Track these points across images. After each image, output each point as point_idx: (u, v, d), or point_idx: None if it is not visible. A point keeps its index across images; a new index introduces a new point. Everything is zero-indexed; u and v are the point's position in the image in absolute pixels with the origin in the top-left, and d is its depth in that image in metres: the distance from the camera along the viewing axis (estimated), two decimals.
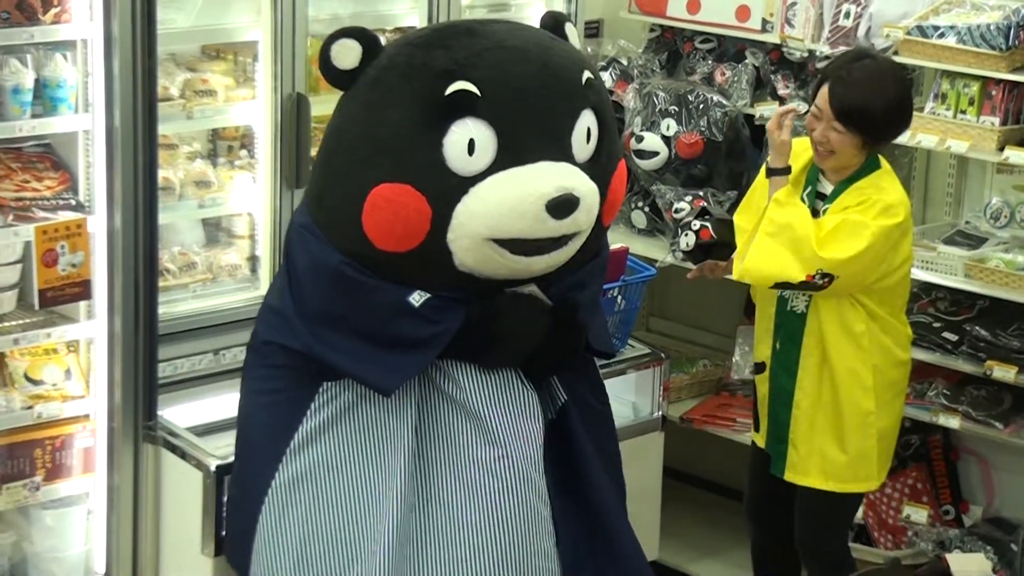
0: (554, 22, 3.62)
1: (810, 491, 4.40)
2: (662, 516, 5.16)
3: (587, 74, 3.45)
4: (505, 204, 3.28)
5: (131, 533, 4.40)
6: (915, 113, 4.83)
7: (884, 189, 4.24)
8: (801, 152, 4.34)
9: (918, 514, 5.03)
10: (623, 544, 3.67)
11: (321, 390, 3.45)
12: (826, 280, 4.14)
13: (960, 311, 4.95)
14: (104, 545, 4.42)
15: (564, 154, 3.39)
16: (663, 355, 5.10)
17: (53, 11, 4.13)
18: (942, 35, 4.78)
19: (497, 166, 3.31)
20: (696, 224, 4.42)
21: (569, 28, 3.64)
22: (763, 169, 4.40)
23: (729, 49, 5.48)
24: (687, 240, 4.43)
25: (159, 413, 4.36)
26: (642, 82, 5.44)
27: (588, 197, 3.40)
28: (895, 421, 4.45)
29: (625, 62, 5.56)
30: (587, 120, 3.44)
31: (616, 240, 5.19)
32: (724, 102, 5.27)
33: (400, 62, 3.37)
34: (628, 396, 5.10)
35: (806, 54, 5.17)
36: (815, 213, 4.27)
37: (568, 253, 3.46)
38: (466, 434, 3.41)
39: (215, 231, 4.84)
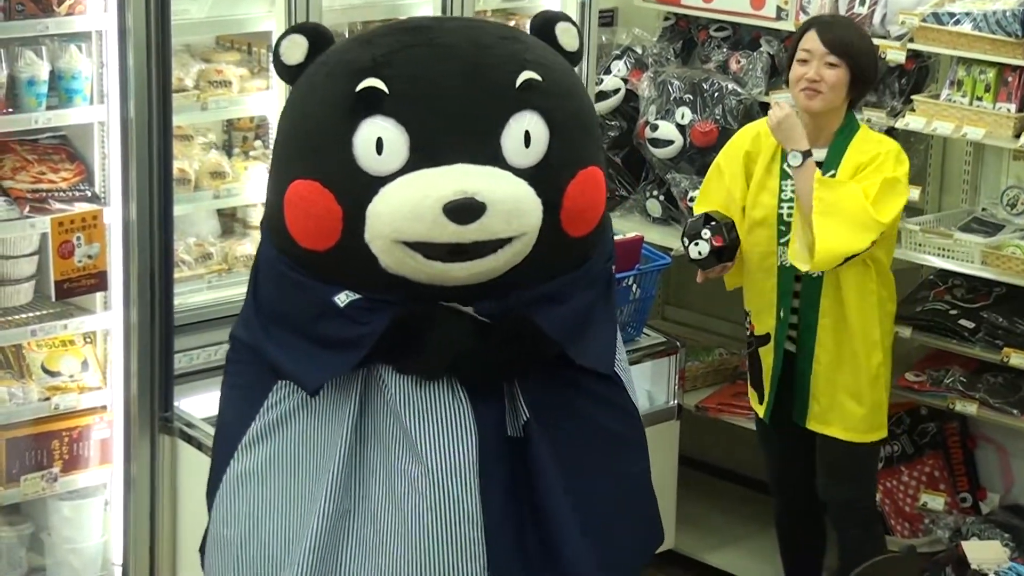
0: (543, 23, 3.45)
1: (833, 443, 4.52)
2: (677, 504, 5.16)
3: (528, 75, 3.24)
4: (405, 206, 3.15)
5: (148, 524, 4.41)
6: (931, 100, 4.86)
7: (881, 140, 4.45)
8: (765, 134, 4.47)
9: (935, 501, 5.03)
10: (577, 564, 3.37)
11: (275, 388, 3.38)
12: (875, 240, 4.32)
13: (977, 298, 4.94)
14: (121, 536, 4.43)
15: (491, 158, 3.21)
16: (679, 344, 5.10)
17: (68, 2, 4.13)
18: (958, 22, 4.76)
19: (409, 167, 3.18)
20: (706, 232, 4.41)
21: (562, 28, 3.45)
22: (715, 163, 4.57)
23: (744, 37, 5.46)
24: (699, 249, 4.42)
25: (175, 404, 4.36)
26: (657, 71, 5.43)
27: (503, 202, 3.17)
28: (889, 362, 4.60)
29: (640, 51, 5.55)
30: (524, 123, 3.23)
31: (631, 228, 5.19)
32: (739, 90, 5.26)
33: (329, 59, 3.31)
34: (644, 385, 5.10)
35: None
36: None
37: (499, 262, 3.23)
38: (397, 445, 3.29)
39: (230, 222, 4.85)
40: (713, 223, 4.43)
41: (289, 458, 3.36)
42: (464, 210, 3.14)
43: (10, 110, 4.16)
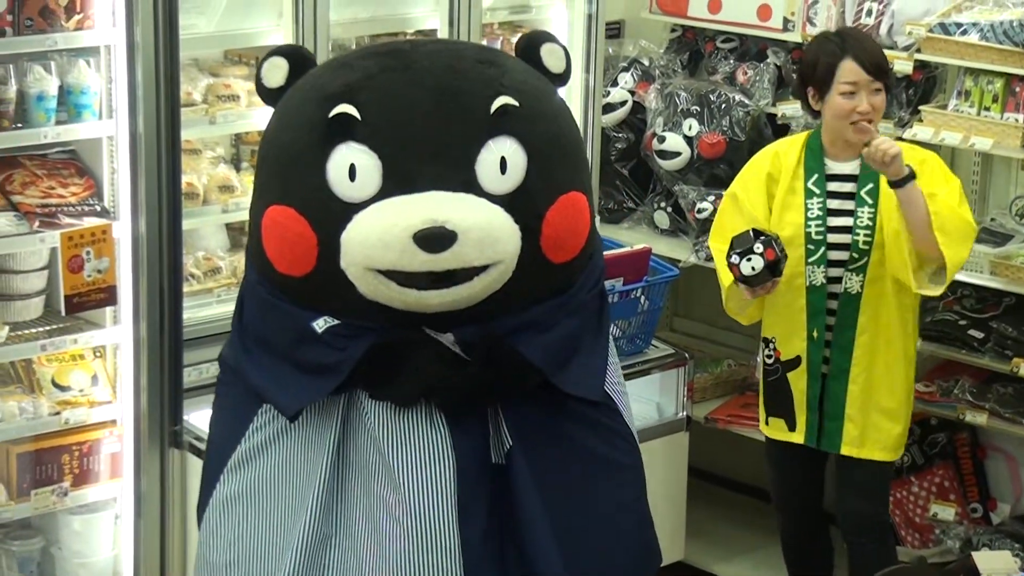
0: (527, 45, 3.39)
1: (869, 464, 4.46)
2: (687, 516, 5.15)
3: (503, 100, 3.18)
4: (374, 234, 3.11)
5: (158, 538, 4.41)
6: (939, 110, 4.86)
7: (914, 148, 4.39)
8: (788, 148, 4.42)
9: (945, 512, 5.02)
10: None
11: (260, 411, 3.34)
12: None
13: (986, 308, 4.94)
14: (131, 550, 4.43)
15: (465, 185, 3.15)
16: (687, 355, 5.10)
17: (76, 17, 4.14)
18: (965, 32, 4.77)
19: (383, 194, 3.13)
20: (759, 247, 4.27)
21: (547, 50, 3.37)
22: (728, 194, 4.49)
23: (751, 48, 5.47)
24: (752, 264, 4.26)
25: (185, 418, 4.37)
26: (664, 82, 5.44)
27: (474, 230, 3.11)
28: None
29: (646, 62, 5.56)
30: (500, 149, 3.18)
31: (639, 240, 5.19)
32: (746, 102, 5.27)
33: (305, 83, 3.27)
34: (652, 396, 5.10)
35: None
36: (832, 196, 4.35)
37: (474, 290, 3.19)
38: (376, 471, 3.25)
39: (239, 236, 4.85)
40: (763, 237, 4.30)
41: (271, 482, 3.32)
42: (434, 239, 3.10)
43: (19, 125, 4.17)
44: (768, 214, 4.40)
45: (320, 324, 3.23)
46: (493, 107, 3.19)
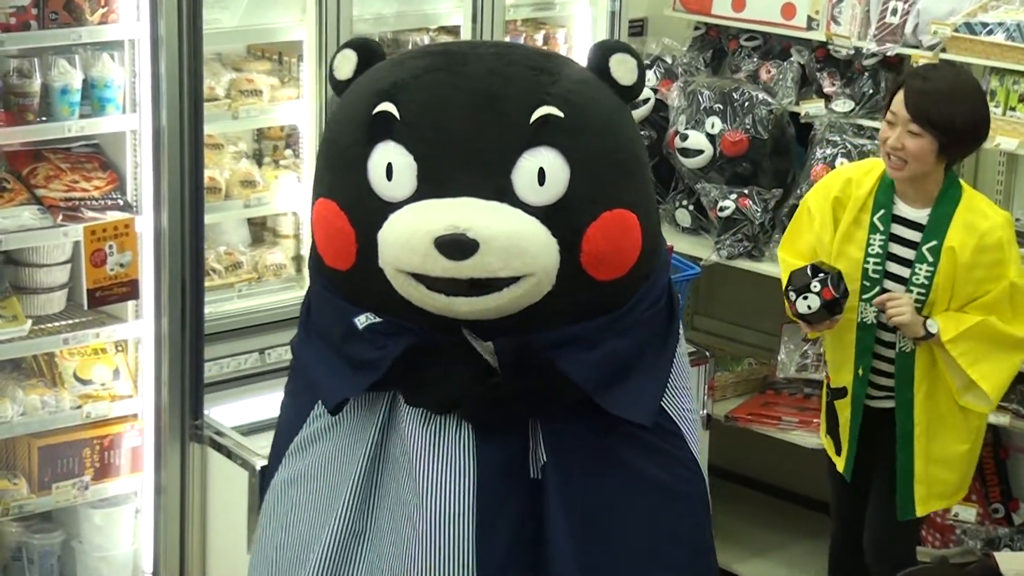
0: (597, 54, 3.27)
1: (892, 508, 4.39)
2: None
3: (546, 110, 3.09)
4: (401, 235, 3.08)
5: (178, 532, 4.41)
6: None
7: (989, 211, 4.21)
8: (863, 176, 4.27)
9: (966, 512, 5.00)
10: None
11: (319, 401, 3.33)
12: None
13: None
14: (152, 544, 4.44)
15: (499, 194, 3.08)
16: (708, 353, 5.09)
17: (100, 11, 4.15)
18: (990, 32, 4.75)
19: (417, 196, 3.10)
20: (816, 285, 4.15)
21: (617, 60, 3.23)
22: (803, 205, 4.38)
23: (774, 47, 5.45)
24: (809, 303, 4.15)
25: (205, 412, 4.37)
26: (687, 80, 5.42)
27: (499, 240, 3.03)
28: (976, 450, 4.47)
29: (670, 60, 5.55)
30: (539, 160, 3.08)
31: None
32: (769, 100, 5.25)
33: (364, 78, 3.25)
34: None
35: (852, 51, 5.14)
36: (894, 239, 4.21)
37: (502, 300, 3.11)
38: (404, 476, 3.22)
39: (260, 231, 4.86)
40: (821, 275, 4.17)
41: (318, 472, 3.33)
42: (454, 245, 3.04)
43: (43, 119, 4.18)
44: (833, 238, 4.27)
45: (362, 320, 3.21)
46: (534, 116, 3.10)
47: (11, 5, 4.02)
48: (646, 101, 5.48)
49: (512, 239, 3.07)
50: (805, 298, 4.16)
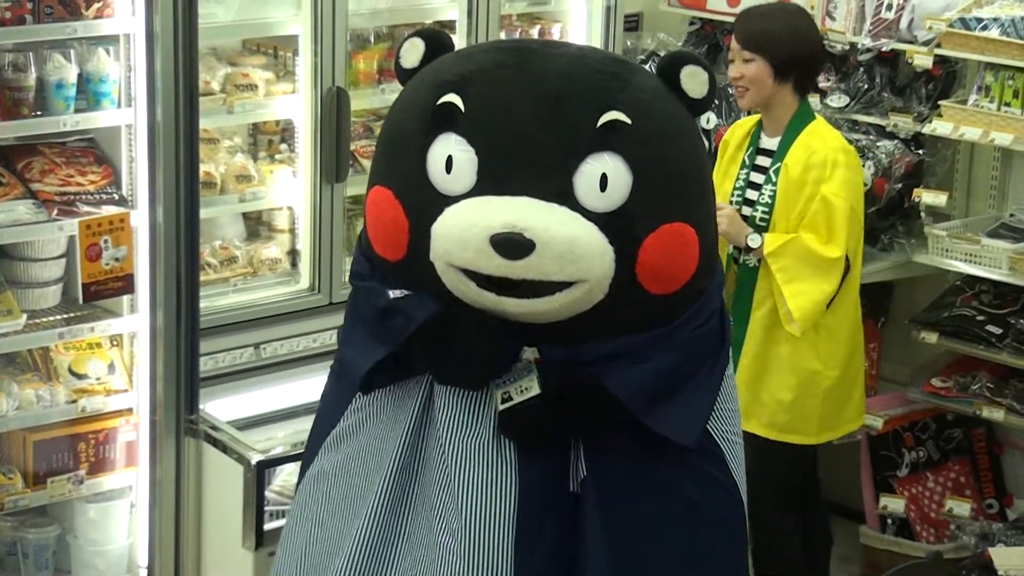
0: (669, 63, 3.19)
1: (753, 444, 4.37)
2: None
3: (613, 115, 3.03)
4: (456, 229, 3.02)
5: (173, 526, 4.41)
6: (958, 106, 4.84)
7: (826, 138, 4.42)
8: (747, 120, 4.58)
9: (961, 508, 5.01)
10: None
11: (358, 394, 3.26)
12: (847, 263, 4.36)
13: (1004, 304, 4.92)
14: (147, 538, 4.44)
15: (560, 196, 3.02)
16: None
17: (96, 6, 4.15)
18: (985, 27, 4.75)
19: (476, 191, 3.04)
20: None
21: (688, 72, 3.15)
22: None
23: None
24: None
25: (200, 407, 4.37)
26: None
27: (557, 243, 2.98)
28: (848, 381, 4.48)
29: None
30: (602, 166, 3.03)
31: None
32: None
33: (430, 68, 3.19)
34: None
35: (847, 47, 5.14)
36: (757, 169, 4.45)
37: (553, 305, 3.06)
38: (440, 481, 3.15)
39: (256, 225, 4.85)
40: None
41: (352, 467, 3.25)
42: (509, 244, 2.99)
43: (38, 113, 4.18)
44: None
45: (397, 293, 3.15)
46: (601, 121, 3.04)
47: None
48: None
49: (569, 243, 3.02)
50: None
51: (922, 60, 4.87)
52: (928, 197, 4.91)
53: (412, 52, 3.22)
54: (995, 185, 5.11)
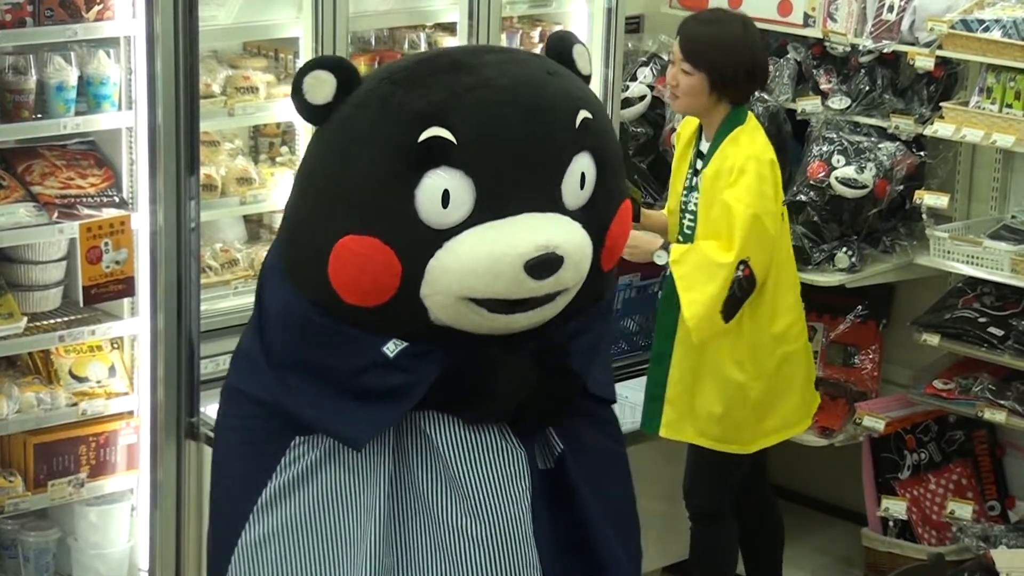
0: (560, 46, 3.27)
1: (691, 445, 4.51)
2: None
3: (583, 114, 3.08)
4: (481, 263, 2.98)
5: (174, 529, 4.41)
6: (960, 107, 4.83)
7: (741, 143, 4.33)
8: (691, 122, 4.50)
9: (963, 510, 5.00)
10: None
11: (292, 444, 3.15)
12: (748, 270, 4.27)
13: (1006, 306, 4.91)
14: (148, 541, 4.43)
15: (553, 204, 3.07)
16: None
17: (96, 8, 4.15)
18: (987, 29, 4.74)
19: (475, 219, 3.00)
20: None
21: (578, 52, 3.26)
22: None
23: (771, 43, 5.44)
24: None
25: (201, 409, 4.36)
26: None
27: (575, 252, 3.06)
28: (778, 390, 4.46)
29: (666, 57, 5.54)
30: (581, 165, 3.09)
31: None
32: (766, 97, 5.24)
33: (374, 101, 3.04)
34: None
35: (849, 48, 5.14)
36: (696, 173, 4.41)
37: (555, 309, 3.14)
38: (444, 498, 3.15)
39: (256, 228, 4.85)
40: None
41: (315, 517, 3.17)
42: (545, 266, 3.02)
43: (39, 116, 4.18)
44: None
45: (391, 348, 3.09)
46: (578, 122, 3.09)
47: (6, 2, 4.02)
48: (643, 98, 5.48)
49: (582, 250, 3.09)
50: None
51: (923, 62, 4.87)
52: (930, 199, 4.90)
53: (322, 87, 3.06)
54: (997, 187, 5.10)
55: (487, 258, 3.00)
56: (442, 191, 3.00)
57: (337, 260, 3.04)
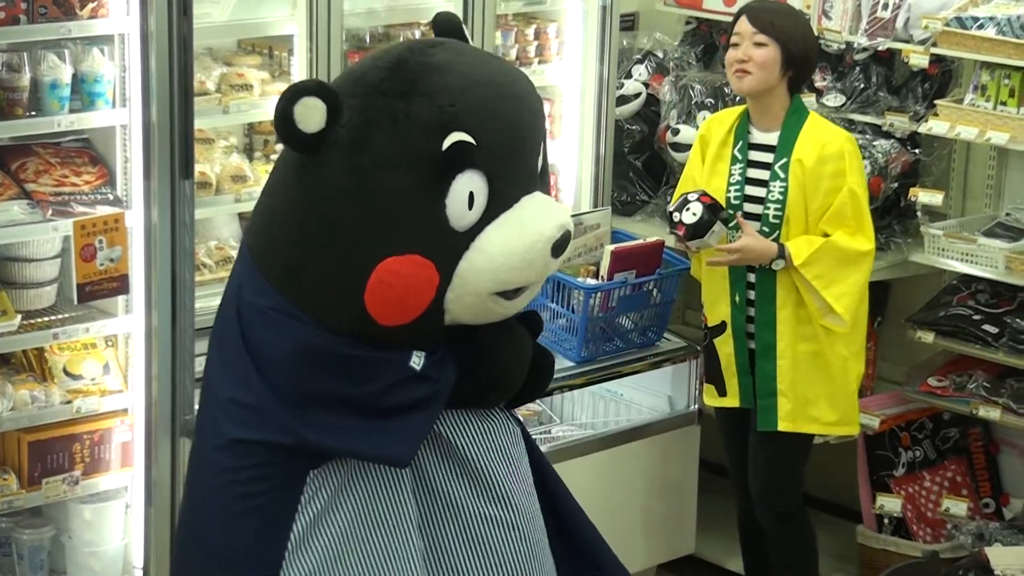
0: (452, 28, 3.26)
1: (782, 437, 4.51)
2: (698, 509, 5.14)
3: (544, 101, 3.40)
4: (515, 255, 3.04)
5: (169, 527, 4.40)
6: (954, 105, 4.84)
7: (835, 130, 4.49)
8: (726, 115, 4.56)
9: (957, 507, 5.00)
10: (600, 549, 3.44)
11: (309, 479, 3.11)
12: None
13: (1000, 303, 4.92)
14: (142, 539, 4.43)
15: (534, 183, 3.17)
16: (699, 348, 5.08)
17: (90, 5, 4.14)
18: (981, 26, 4.74)
19: (489, 214, 3.06)
20: (692, 195, 4.39)
21: (465, 30, 3.33)
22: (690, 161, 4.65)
23: None
24: (693, 211, 4.36)
25: (195, 407, 4.36)
26: (678, 75, 5.42)
27: (570, 223, 3.22)
28: (863, 367, 4.59)
29: (661, 55, 5.54)
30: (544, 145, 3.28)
31: (652, 233, 5.18)
32: None
33: (380, 118, 3.01)
34: (664, 389, 5.09)
35: (843, 46, 5.13)
36: (752, 164, 4.45)
37: (539, 286, 3.27)
38: (465, 490, 3.18)
39: None
40: (691, 192, 4.44)
41: (358, 535, 3.15)
42: (563, 243, 3.12)
43: (33, 113, 4.17)
44: (701, 174, 4.56)
45: (416, 361, 3.11)
46: (544, 106, 3.27)
47: None
48: (637, 95, 5.48)
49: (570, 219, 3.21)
50: (688, 210, 4.38)
51: (918, 59, 4.87)
52: (924, 196, 4.90)
53: (314, 114, 2.99)
54: (991, 184, 5.11)
55: (521, 249, 3.07)
56: (468, 193, 3.05)
57: (380, 285, 3.02)
